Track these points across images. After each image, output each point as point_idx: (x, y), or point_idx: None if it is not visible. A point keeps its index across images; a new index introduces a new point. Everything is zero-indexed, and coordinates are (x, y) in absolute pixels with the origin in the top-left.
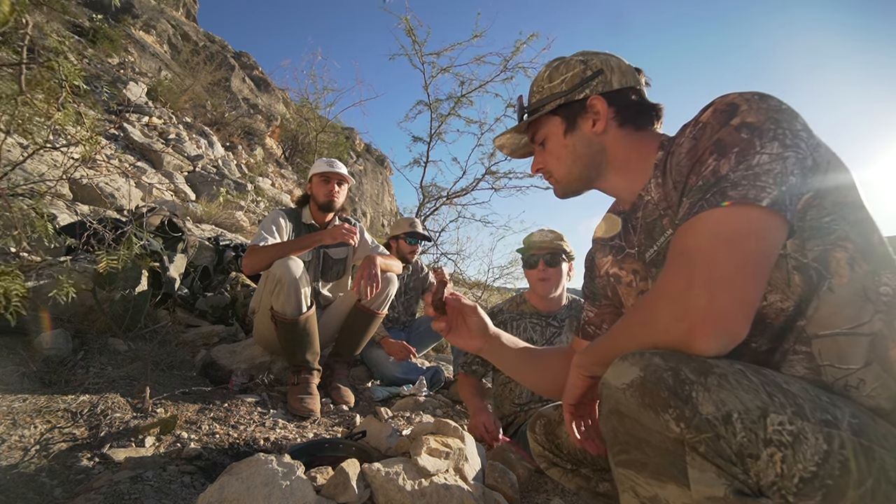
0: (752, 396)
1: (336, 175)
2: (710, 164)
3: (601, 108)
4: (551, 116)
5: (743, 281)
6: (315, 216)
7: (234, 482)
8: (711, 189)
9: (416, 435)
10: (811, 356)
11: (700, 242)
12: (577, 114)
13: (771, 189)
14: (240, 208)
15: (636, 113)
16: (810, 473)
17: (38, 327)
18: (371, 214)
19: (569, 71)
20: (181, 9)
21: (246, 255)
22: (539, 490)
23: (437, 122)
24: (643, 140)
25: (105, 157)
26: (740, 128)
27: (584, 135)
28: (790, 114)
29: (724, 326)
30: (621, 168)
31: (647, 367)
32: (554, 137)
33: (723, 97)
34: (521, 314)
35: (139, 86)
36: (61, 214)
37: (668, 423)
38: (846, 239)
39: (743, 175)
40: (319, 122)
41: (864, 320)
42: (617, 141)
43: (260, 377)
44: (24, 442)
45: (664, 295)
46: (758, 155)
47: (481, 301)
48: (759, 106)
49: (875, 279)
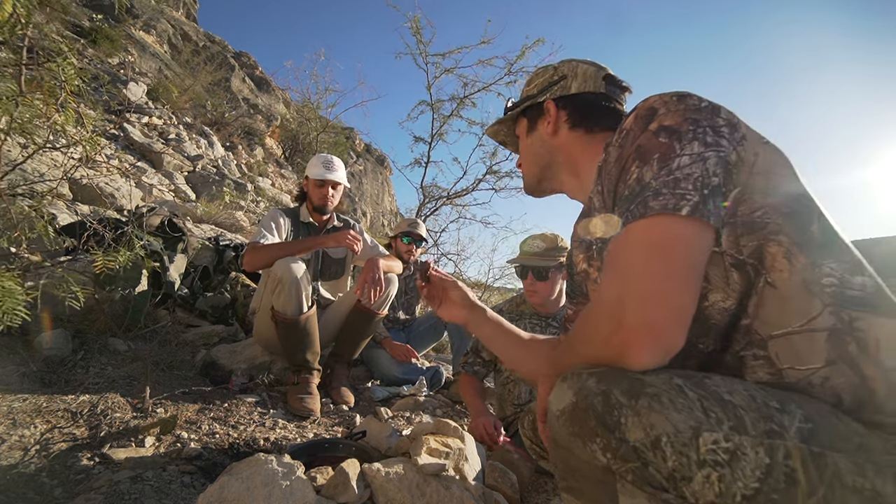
0: (684, 416)
1: (330, 182)
2: (634, 171)
3: (552, 111)
4: (522, 117)
5: (672, 290)
6: (312, 215)
7: (234, 482)
8: (636, 199)
9: (416, 435)
10: (770, 360)
11: (628, 255)
12: (537, 116)
13: (691, 195)
14: (240, 208)
15: (587, 116)
16: (752, 490)
17: (38, 327)
18: (371, 214)
19: (541, 77)
20: (181, 9)
21: (247, 252)
22: (539, 490)
23: (440, 122)
24: (593, 143)
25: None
26: (658, 132)
27: (539, 136)
28: (710, 111)
29: (658, 338)
30: (571, 170)
31: (579, 391)
32: (521, 137)
33: (644, 101)
34: (521, 314)
35: (139, 86)
36: (61, 214)
37: (595, 454)
38: (779, 232)
39: (664, 182)
40: (320, 122)
41: (814, 314)
42: (568, 143)
43: (260, 377)
44: (24, 442)
45: (599, 309)
46: (678, 158)
47: (481, 301)
48: (676, 108)
49: (816, 271)
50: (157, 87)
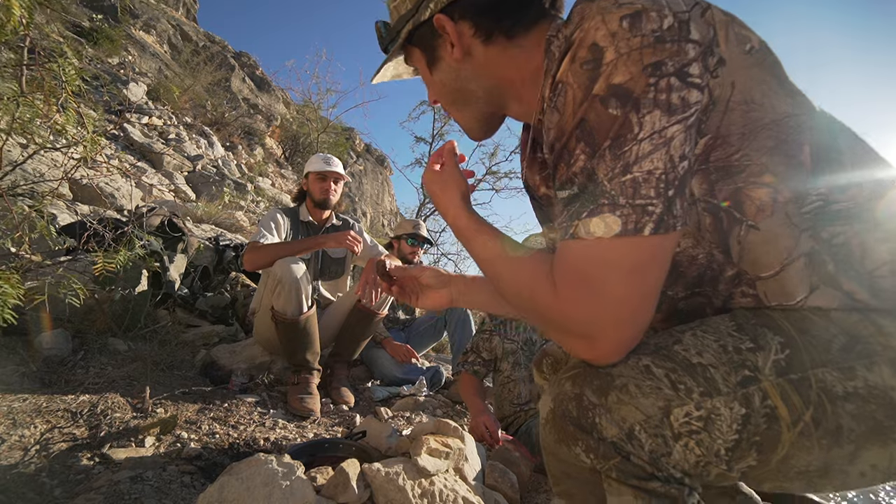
0: (653, 399)
1: (332, 173)
2: (580, 157)
3: (450, 29)
4: (411, 47)
5: (646, 308)
6: (312, 213)
7: (234, 482)
8: (587, 203)
9: (416, 435)
10: (758, 298)
11: (600, 276)
12: (432, 40)
13: (654, 205)
14: (240, 208)
15: (500, 18)
16: (732, 442)
17: (38, 327)
18: (371, 214)
19: None
20: (181, 9)
21: (247, 251)
22: (539, 490)
23: (440, 122)
24: (524, 50)
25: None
26: (607, 99)
27: (448, 65)
28: (677, 34)
29: (628, 348)
30: (513, 93)
31: (556, 397)
32: (423, 72)
33: (582, 29)
34: None
35: (139, 86)
36: (61, 214)
37: (579, 456)
38: (763, 173)
39: (620, 186)
40: (321, 122)
41: (794, 246)
42: (489, 63)
43: (260, 377)
44: (24, 442)
45: (569, 324)
46: (636, 146)
47: None
48: (629, 45)
49: (801, 201)
50: (157, 87)
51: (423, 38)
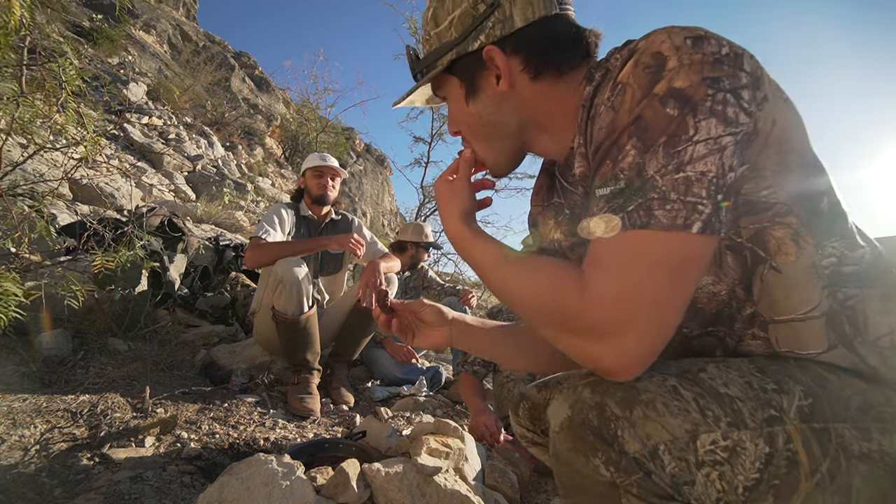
0: (680, 420)
1: (329, 169)
2: (630, 152)
3: (501, 62)
4: (447, 76)
5: (676, 319)
6: (311, 209)
7: (234, 482)
8: (635, 197)
9: (416, 435)
10: (769, 342)
11: (640, 275)
12: (475, 71)
13: (703, 206)
14: (240, 208)
15: (553, 56)
16: (753, 481)
17: (38, 327)
18: (371, 214)
19: (455, 8)
20: (181, 9)
21: (249, 248)
22: (539, 490)
23: (439, 122)
24: (571, 87)
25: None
26: (667, 99)
27: (489, 97)
28: (733, 62)
29: (648, 361)
30: (548, 126)
31: (574, 404)
32: (455, 102)
33: (647, 40)
34: None
35: (139, 86)
36: (61, 214)
37: (598, 468)
38: (788, 213)
39: (672, 183)
40: (320, 122)
41: (817, 302)
42: (535, 97)
43: (260, 377)
44: (24, 442)
45: (594, 317)
46: (691, 147)
47: (482, 301)
48: (691, 59)
49: (821, 252)
50: (157, 88)
51: (465, 67)
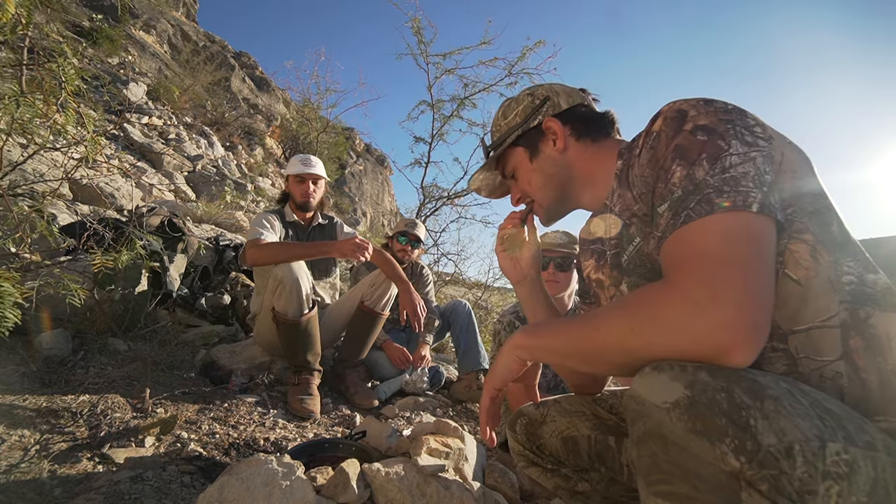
0: (808, 423)
1: (310, 175)
2: (677, 171)
3: (556, 128)
4: (514, 148)
5: (769, 287)
6: (296, 213)
7: (234, 482)
8: (694, 197)
9: (416, 435)
10: (788, 353)
11: (714, 246)
12: (536, 140)
13: (755, 193)
14: (240, 208)
15: (589, 125)
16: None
17: (38, 327)
18: (371, 214)
19: (519, 105)
20: (181, 9)
21: (249, 247)
22: (539, 490)
23: (440, 122)
24: (602, 150)
25: (105, 157)
26: (695, 131)
27: (548, 156)
28: (739, 112)
29: (758, 337)
30: (588, 181)
31: (693, 384)
32: (522, 166)
33: (669, 105)
34: (524, 318)
35: (139, 86)
36: (61, 214)
37: (725, 456)
38: (805, 231)
39: (722, 180)
40: (321, 122)
41: (834, 312)
42: (579, 155)
43: (260, 377)
44: (24, 442)
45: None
46: (728, 156)
47: (481, 301)
48: (706, 109)
49: (837, 269)
50: (157, 87)
51: (529, 138)
